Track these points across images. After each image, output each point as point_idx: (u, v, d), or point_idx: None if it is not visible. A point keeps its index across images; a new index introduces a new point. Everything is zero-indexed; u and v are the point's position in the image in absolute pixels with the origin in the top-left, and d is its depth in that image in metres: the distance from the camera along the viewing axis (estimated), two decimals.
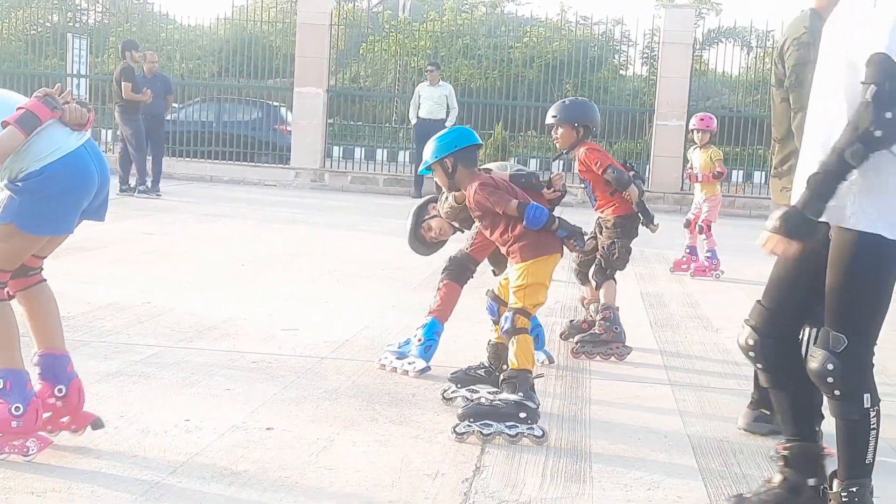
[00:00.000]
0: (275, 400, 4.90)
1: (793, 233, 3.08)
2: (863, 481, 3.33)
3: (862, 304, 3.26)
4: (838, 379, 3.24)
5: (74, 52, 21.16)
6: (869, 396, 3.26)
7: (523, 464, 4.20)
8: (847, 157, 3.01)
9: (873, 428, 3.28)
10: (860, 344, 3.27)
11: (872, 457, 3.32)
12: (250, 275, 8.68)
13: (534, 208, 4.71)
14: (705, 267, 10.15)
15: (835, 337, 3.26)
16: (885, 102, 2.98)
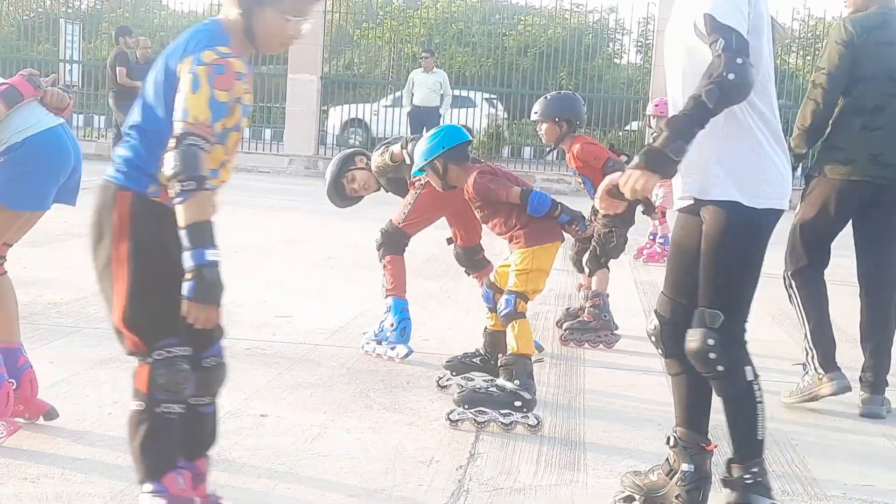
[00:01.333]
0: (269, 387, 4.90)
1: (652, 166, 3.09)
2: (760, 461, 3.37)
3: (732, 277, 3.31)
4: (720, 354, 3.28)
5: (67, 38, 21.10)
6: (751, 369, 3.33)
7: (517, 451, 4.21)
8: (703, 97, 3.04)
9: (759, 401, 3.34)
10: (735, 319, 3.33)
11: (764, 433, 3.37)
12: (244, 262, 8.66)
13: (537, 195, 4.70)
14: (657, 253, 10.10)
15: (711, 314, 3.30)
16: (735, 50, 3.05)
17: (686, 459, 3.49)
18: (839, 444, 4.66)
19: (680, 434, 3.53)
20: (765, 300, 8.22)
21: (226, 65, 2.78)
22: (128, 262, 2.89)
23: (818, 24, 22.67)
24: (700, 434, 3.54)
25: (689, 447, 3.50)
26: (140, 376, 2.94)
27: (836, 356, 5.37)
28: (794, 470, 4.20)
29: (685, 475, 3.48)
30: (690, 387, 3.54)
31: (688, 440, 3.51)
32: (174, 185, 2.71)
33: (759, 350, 6.22)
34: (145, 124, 2.90)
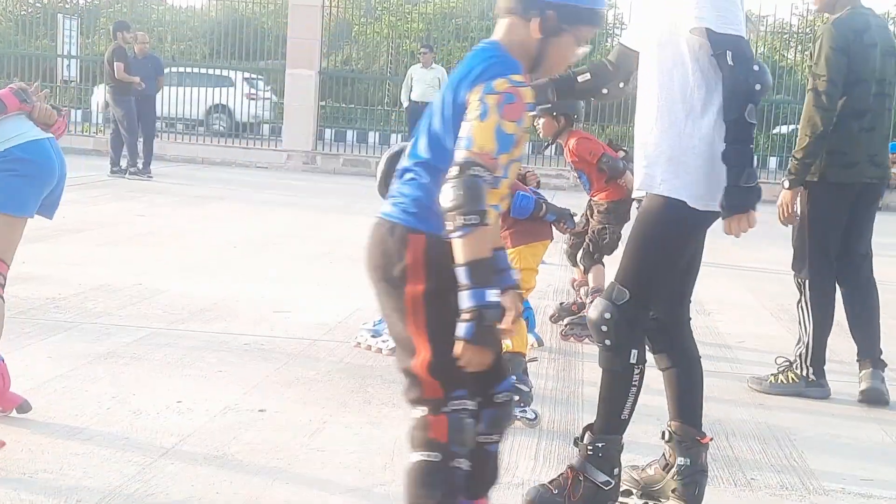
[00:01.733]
0: (267, 382, 4.90)
1: (738, 206, 3.21)
2: (614, 438, 3.40)
3: (648, 264, 3.34)
4: (611, 329, 3.33)
5: (65, 33, 21.10)
6: (636, 353, 3.35)
7: (516, 446, 4.20)
8: (748, 118, 3.12)
9: (634, 384, 3.36)
10: (639, 302, 3.35)
11: (629, 414, 3.39)
12: (242, 257, 8.66)
13: (519, 198, 4.69)
14: None
15: (619, 290, 3.34)
16: (746, 59, 3.12)
17: (681, 453, 3.50)
18: (837, 437, 4.66)
19: (674, 428, 3.54)
20: (764, 295, 8.25)
21: (517, 95, 2.62)
22: (425, 306, 2.69)
23: (816, 19, 22.67)
24: (694, 427, 3.54)
25: (683, 441, 3.51)
26: (436, 427, 2.74)
27: (839, 351, 5.52)
28: (792, 464, 4.20)
29: (681, 469, 3.49)
30: (681, 380, 3.57)
31: (682, 434, 3.51)
32: (455, 218, 2.52)
33: (758, 345, 6.28)
34: (435, 161, 2.70)
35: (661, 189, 3.30)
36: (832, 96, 4.98)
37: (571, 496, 3.35)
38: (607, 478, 3.35)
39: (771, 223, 5.27)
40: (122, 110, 14.92)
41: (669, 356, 3.55)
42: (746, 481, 3.98)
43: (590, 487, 3.35)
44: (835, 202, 5.15)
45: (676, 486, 3.49)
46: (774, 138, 22.01)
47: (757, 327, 7.00)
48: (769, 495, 3.86)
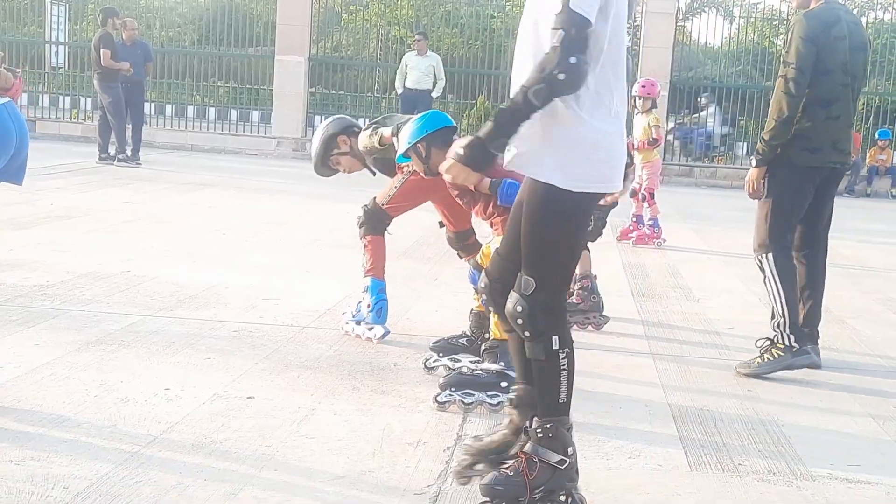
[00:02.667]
0: (256, 369, 4.89)
1: (471, 162, 3.17)
2: (559, 419, 3.39)
3: (543, 251, 3.33)
4: (526, 321, 3.32)
5: (53, 19, 21.02)
6: (558, 339, 3.34)
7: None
8: (530, 96, 3.08)
9: (564, 369, 3.35)
10: (548, 288, 3.34)
11: (566, 397, 3.38)
12: (231, 244, 8.65)
13: (507, 185, 4.65)
14: (647, 235, 10.12)
15: (525, 280, 3.34)
16: (570, 48, 3.06)
17: (529, 416, 3.49)
18: (825, 423, 4.67)
19: (522, 392, 3.54)
20: (754, 282, 8.26)
21: None
22: None
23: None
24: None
25: (532, 404, 3.50)
26: None
27: (822, 336, 5.58)
28: (779, 450, 4.21)
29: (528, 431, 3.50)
30: (522, 343, 3.54)
31: (529, 397, 3.51)
32: None
33: (747, 332, 6.29)
34: None
35: (537, 173, 3.28)
36: (800, 84, 5.25)
37: (528, 477, 3.35)
38: (561, 457, 3.35)
39: None
40: (110, 97, 14.86)
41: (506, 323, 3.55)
42: (734, 467, 3.99)
43: (545, 468, 3.35)
44: (800, 184, 5.46)
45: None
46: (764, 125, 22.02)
47: (746, 314, 7.01)
48: (756, 480, 3.87)
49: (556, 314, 3.37)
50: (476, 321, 5.02)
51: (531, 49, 3.27)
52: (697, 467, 3.97)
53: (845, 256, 9.80)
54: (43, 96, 20.48)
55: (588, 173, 3.24)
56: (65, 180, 12.45)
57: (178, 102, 21.28)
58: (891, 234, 12.00)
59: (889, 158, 18.74)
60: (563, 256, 3.36)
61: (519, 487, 3.33)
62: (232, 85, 22.51)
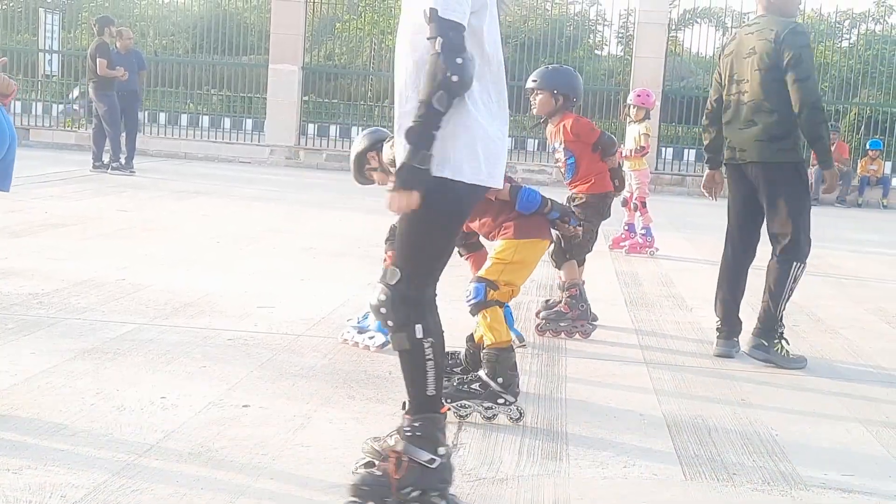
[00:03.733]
0: (251, 377, 4.90)
1: (406, 185, 3.19)
2: (429, 416, 3.41)
3: (413, 241, 3.37)
4: (390, 310, 3.36)
5: (46, 27, 21.00)
6: (422, 328, 3.37)
7: (500, 442, 4.22)
8: (435, 104, 3.14)
9: (429, 358, 3.37)
10: (412, 280, 3.38)
11: (435, 390, 3.39)
12: (226, 252, 8.65)
13: (527, 192, 4.64)
14: (639, 244, 10.14)
15: (391, 270, 3.39)
16: (452, 50, 3.13)
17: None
18: (819, 433, 4.69)
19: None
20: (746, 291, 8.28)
21: None
22: None
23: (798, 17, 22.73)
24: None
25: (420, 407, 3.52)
26: None
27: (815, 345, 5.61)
28: (774, 460, 4.23)
29: None
30: None
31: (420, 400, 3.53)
32: None
33: (741, 340, 6.30)
34: None
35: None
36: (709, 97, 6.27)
37: (394, 476, 3.36)
38: (431, 456, 3.36)
39: None
40: (105, 105, 14.87)
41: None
42: (728, 476, 4.00)
43: (414, 467, 3.35)
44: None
45: None
46: None
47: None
48: (751, 490, 3.89)
49: (421, 304, 3.41)
50: (472, 358, 4.83)
51: (410, 54, 3.34)
52: (692, 477, 3.99)
53: (837, 266, 9.83)
54: (36, 104, 20.46)
55: (471, 166, 3.30)
56: (59, 188, 12.44)
57: (171, 111, 21.28)
58: (882, 243, 12.04)
59: (880, 169, 18.79)
60: (434, 249, 3.41)
61: (385, 487, 3.35)
62: (225, 93, 22.53)
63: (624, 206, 10.28)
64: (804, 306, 7.71)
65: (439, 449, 3.38)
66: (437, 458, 3.37)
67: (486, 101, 3.34)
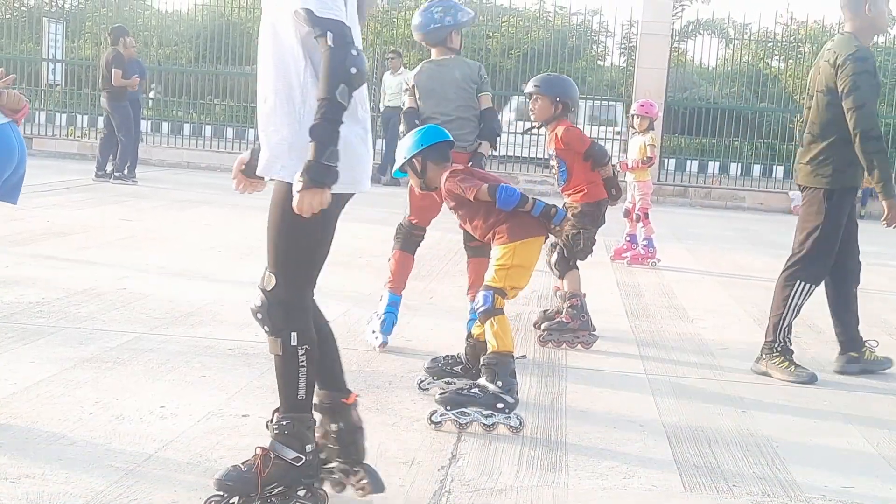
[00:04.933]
0: (251, 387, 4.89)
1: (314, 183, 3.17)
2: (298, 416, 3.42)
3: (290, 249, 3.39)
4: (265, 316, 3.39)
5: (50, 37, 21.02)
6: (297, 335, 3.39)
7: (499, 452, 4.21)
8: (340, 99, 3.14)
9: (303, 365, 3.40)
10: (289, 285, 3.41)
11: (305, 393, 3.41)
12: (227, 261, 8.65)
13: (504, 188, 4.65)
14: (641, 255, 10.13)
15: (267, 276, 3.42)
16: (344, 43, 3.15)
17: (334, 419, 3.54)
18: (819, 444, 4.68)
19: (322, 397, 3.59)
20: (748, 302, 8.29)
21: None
22: None
23: (800, 27, 22.78)
24: (339, 391, 3.60)
25: (332, 407, 3.56)
26: None
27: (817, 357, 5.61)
28: (773, 471, 4.22)
29: (338, 433, 3.54)
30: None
31: (329, 401, 3.56)
32: None
33: (742, 352, 6.30)
34: None
35: (283, 175, 3.32)
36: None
37: (260, 473, 3.37)
38: (297, 454, 3.38)
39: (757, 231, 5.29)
40: (120, 115, 14.88)
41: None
42: (728, 488, 4.00)
43: (280, 465, 3.37)
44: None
45: (338, 450, 3.54)
46: (758, 146, 22.11)
47: (740, 335, 7.03)
48: (751, 501, 3.88)
49: (297, 311, 3.44)
50: (472, 351, 4.90)
51: (271, 54, 3.35)
52: (692, 488, 3.98)
53: None
54: (39, 113, 20.49)
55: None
56: (61, 197, 12.45)
57: (174, 120, 21.30)
58: (884, 255, 11.99)
59: None
60: (305, 255, 3.43)
61: (249, 483, 3.36)
62: (228, 103, 22.54)
63: (626, 216, 10.28)
64: (806, 317, 7.68)
65: (307, 447, 3.41)
66: (304, 456, 3.39)
67: (351, 108, 3.29)
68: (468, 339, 4.96)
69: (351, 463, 3.53)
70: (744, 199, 18.68)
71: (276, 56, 3.33)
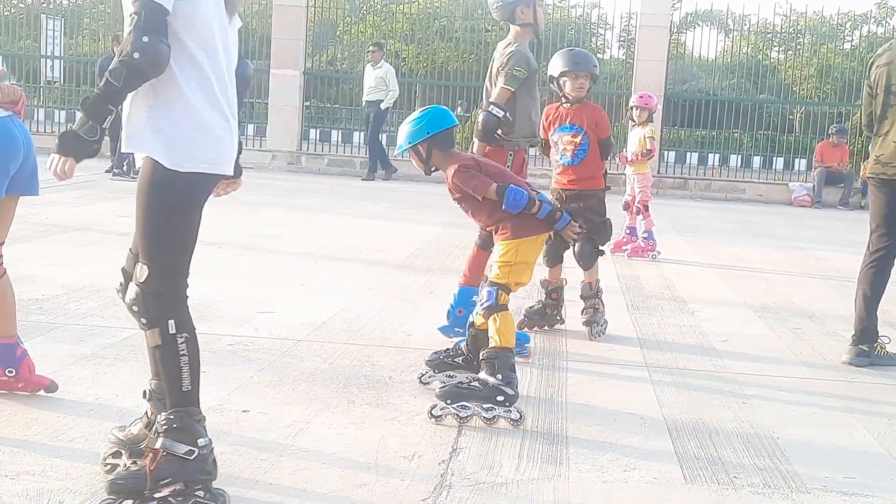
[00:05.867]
0: (251, 382, 4.89)
1: (67, 151, 3.19)
2: (186, 410, 3.41)
3: (153, 234, 3.37)
4: (141, 308, 3.37)
5: (48, 34, 21.02)
6: (174, 323, 3.38)
7: (500, 446, 4.21)
8: (110, 77, 3.16)
9: (183, 354, 3.38)
10: (162, 275, 3.38)
11: (190, 385, 3.39)
12: (226, 257, 8.64)
13: (513, 191, 4.63)
14: (641, 248, 10.13)
15: (140, 267, 3.39)
16: (143, 29, 3.15)
17: (162, 409, 3.53)
18: (820, 436, 4.68)
19: (154, 386, 3.60)
20: (748, 294, 8.28)
21: None
22: None
23: (800, 19, 22.76)
24: None
25: (162, 398, 3.54)
26: None
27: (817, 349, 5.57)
28: (774, 463, 4.22)
29: (161, 424, 3.50)
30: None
31: (161, 391, 3.55)
32: None
33: (742, 344, 6.30)
34: None
35: (147, 151, 3.32)
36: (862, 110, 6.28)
37: (150, 468, 3.35)
38: (190, 447, 3.36)
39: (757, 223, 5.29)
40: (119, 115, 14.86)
41: None
42: (729, 480, 3.99)
43: (171, 460, 3.35)
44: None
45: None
46: (758, 137, 22.10)
47: (741, 327, 7.02)
48: (752, 493, 3.87)
49: (172, 300, 3.42)
50: (473, 340, 4.90)
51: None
52: (693, 480, 3.97)
53: (839, 269, 9.80)
54: (38, 110, 20.48)
55: (194, 154, 3.31)
56: (60, 194, 12.43)
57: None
58: None
59: None
60: (175, 242, 3.40)
61: (140, 480, 3.35)
62: None
63: (626, 209, 10.28)
64: (806, 309, 7.70)
65: (199, 440, 3.40)
66: (197, 449, 3.38)
67: (206, 89, 3.31)
68: (469, 328, 4.96)
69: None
70: (744, 190, 18.66)
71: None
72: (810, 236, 12.53)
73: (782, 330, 6.94)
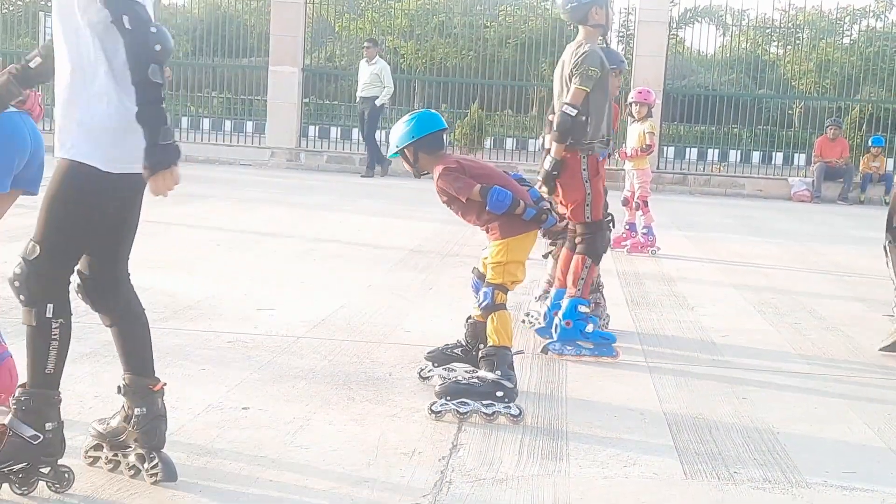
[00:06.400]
0: (251, 379, 4.89)
1: (163, 164, 3.22)
2: (43, 392, 3.43)
3: (60, 223, 3.37)
4: (23, 285, 3.39)
5: (47, 31, 20.96)
6: (53, 307, 3.40)
7: (500, 442, 4.21)
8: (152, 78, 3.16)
9: (54, 339, 3.41)
10: (51, 258, 3.38)
11: (54, 368, 3.42)
12: (226, 255, 8.64)
13: (496, 192, 4.63)
14: (641, 243, 10.12)
15: (31, 246, 3.39)
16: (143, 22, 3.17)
17: (137, 403, 3.55)
18: (820, 431, 4.68)
19: (128, 381, 3.61)
20: (749, 290, 8.28)
21: None
22: None
23: (798, 13, 22.75)
24: (146, 377, 3.61)
25: (137, 392, 3.57)
26: None
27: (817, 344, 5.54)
28: (775, 458, 4.21)
29: (139, 418, 3.55)
30: (126, 335, 3.68)
31: (136, 385, 3.57)
32: None
33: (742, 340, 6.30)
34: None
35: (73, 154, 3.31)
36: None
37: None
38: (35, 432, 3.37)
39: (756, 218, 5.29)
40: None
41: (111, 313, 3.67)
42: (729, 475, 3.99)
43: (15, 442, 3.36)
44: None
45: (137, 434, 3.55)
46: (758, 133, 22.10)
47: (740, 322, 7.02)
48: (752, 488, 3.87)
49: (55, 283, 3.42)
50: (472, 331, 4.98)
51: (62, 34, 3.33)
52: (693, 475, 3.97)
53: (839, 264, 9.81)
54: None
55: (126, 155, 3.31)
56: None
57: (172, 113, 21.15)
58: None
59: (882, 166, 18.74)
60: (70, 231, 3.39)
61: None
62: (226, 96, 22.50)
63: (625, 205, 10.27)
64: (805, 304, 7.70)
65: (47, 425, 3.40)
66: (42, 434, 3.38)
67: (127, 87, 3.28)
68: (468, 319, 5.00)
69: (148, 449, 3.53)
70: (743, 186, 18.65)
71: (65, 36, 3.32)
72: (810, 231, 12.52)
73: (782, 325, 6.94)
